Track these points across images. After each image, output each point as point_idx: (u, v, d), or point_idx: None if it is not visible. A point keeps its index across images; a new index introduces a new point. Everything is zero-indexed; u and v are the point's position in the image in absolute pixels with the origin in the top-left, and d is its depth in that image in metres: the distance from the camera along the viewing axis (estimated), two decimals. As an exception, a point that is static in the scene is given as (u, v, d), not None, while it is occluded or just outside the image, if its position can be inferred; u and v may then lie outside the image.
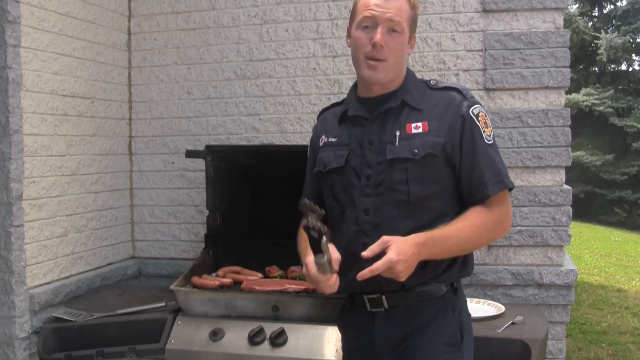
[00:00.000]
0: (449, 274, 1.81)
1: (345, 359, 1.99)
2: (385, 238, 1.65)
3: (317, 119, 2.12)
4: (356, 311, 1.89)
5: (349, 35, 1.89)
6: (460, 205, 1.82)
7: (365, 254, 1.64)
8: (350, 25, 1.88)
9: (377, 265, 1.61)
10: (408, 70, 1.91)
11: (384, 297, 1.80)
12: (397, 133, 1.80)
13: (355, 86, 1.96)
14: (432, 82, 1.88)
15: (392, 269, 1.61)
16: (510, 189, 1.82)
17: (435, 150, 1.77)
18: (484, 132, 1.79)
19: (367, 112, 1.86)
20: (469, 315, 1.92)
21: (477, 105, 1.82)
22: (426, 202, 1.78)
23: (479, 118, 1.79)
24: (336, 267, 1.70)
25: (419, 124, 1.80)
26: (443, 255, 1.76)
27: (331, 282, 1.70)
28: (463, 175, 1.79)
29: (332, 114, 2.01)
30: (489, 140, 1.80)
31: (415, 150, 1.77)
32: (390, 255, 1.61)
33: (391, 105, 1.83)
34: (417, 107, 1.82)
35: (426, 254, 1.69)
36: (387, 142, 1.80)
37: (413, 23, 1.85)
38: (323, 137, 1.98)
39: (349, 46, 1.89)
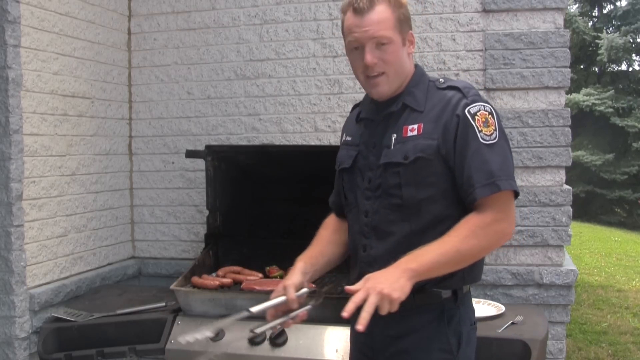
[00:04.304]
0: (450, 280, 1.77)
1: (351, 351, 2.00)
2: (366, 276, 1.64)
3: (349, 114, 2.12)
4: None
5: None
6: (464, 207, 1.75)
7: (344, 314, 1.59)
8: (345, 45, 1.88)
9: (357, 296, 1.58)
10: (416, 69, 1.88)
11: None
12: (394, 136, 1.80)
13: None
14: (440, 81, 1.85)
15: (370, 289, 1.57)
16: (517, 194, 1.72)
17: (426, 153, 1.73)
18: (481, 131, 1.71)
19: (375, 115, 1.88)
20: (473, 325, 1.86)
21: (477, 104, 1.75)
22: (422, 205, 1.75)
23: (477, 117, 1.73)
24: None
25: (415, 126, 1.78)
26: (439, 270, 1.68)
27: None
28: (457, 177, 1.75)
29: (356, 111, 2.02)
30: (486, 140, 1.71)
31: (407, 154, 1.75)
32: (363, 282, 1.60)
33: (392, 109, 1.83)
34: (417, 108, 1.80)
35: (416, 266, 1.62)
36: (384, 145, 1.81)
37: (401, 23, 1.79)
38: (344, 134, 2.01)
39: None
